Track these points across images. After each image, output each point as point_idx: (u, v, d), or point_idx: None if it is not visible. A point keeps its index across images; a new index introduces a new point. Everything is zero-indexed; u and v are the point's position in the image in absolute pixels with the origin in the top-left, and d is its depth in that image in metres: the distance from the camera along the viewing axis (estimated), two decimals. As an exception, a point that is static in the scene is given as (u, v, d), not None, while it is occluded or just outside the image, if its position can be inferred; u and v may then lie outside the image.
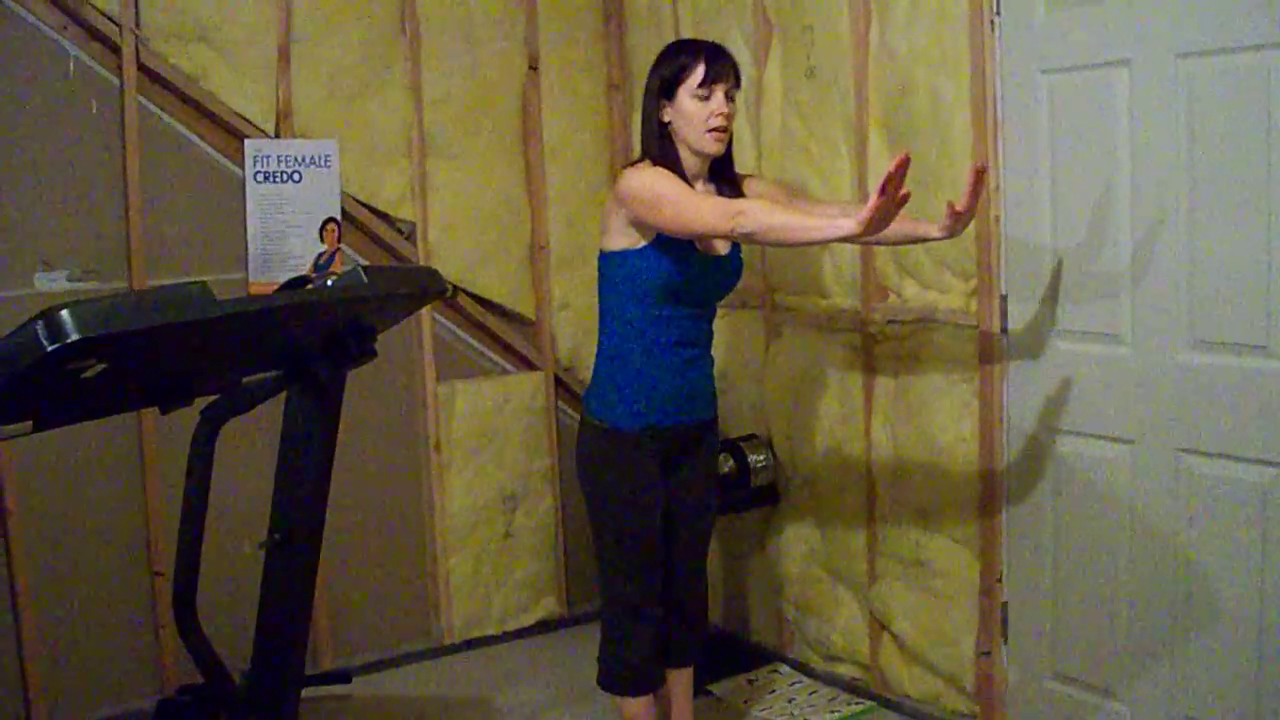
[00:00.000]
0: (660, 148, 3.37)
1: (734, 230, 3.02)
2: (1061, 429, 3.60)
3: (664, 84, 3.35)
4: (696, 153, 3.35)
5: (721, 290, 3.51)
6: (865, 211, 2.70)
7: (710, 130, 3.31)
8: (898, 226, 3.24)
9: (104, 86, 4.11)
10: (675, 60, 3.35)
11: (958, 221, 3.13)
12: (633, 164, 3.45)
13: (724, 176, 3.46)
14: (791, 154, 4.29)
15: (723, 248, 3.45)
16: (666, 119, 3.36)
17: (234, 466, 3.64)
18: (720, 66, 3.32)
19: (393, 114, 4.64)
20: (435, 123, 4.72)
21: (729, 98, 3.33)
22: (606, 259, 3.41)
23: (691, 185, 3.33)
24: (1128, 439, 3.42)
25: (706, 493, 3.67)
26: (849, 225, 2.77)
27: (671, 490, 3.53)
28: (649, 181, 3.25)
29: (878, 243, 3.62)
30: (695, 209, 3.15)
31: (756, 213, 3.03)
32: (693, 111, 3.31)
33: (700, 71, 3.29)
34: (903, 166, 2.62)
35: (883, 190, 2.64)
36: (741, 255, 3.53)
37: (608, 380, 3.45)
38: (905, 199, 2.69)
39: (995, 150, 3.65)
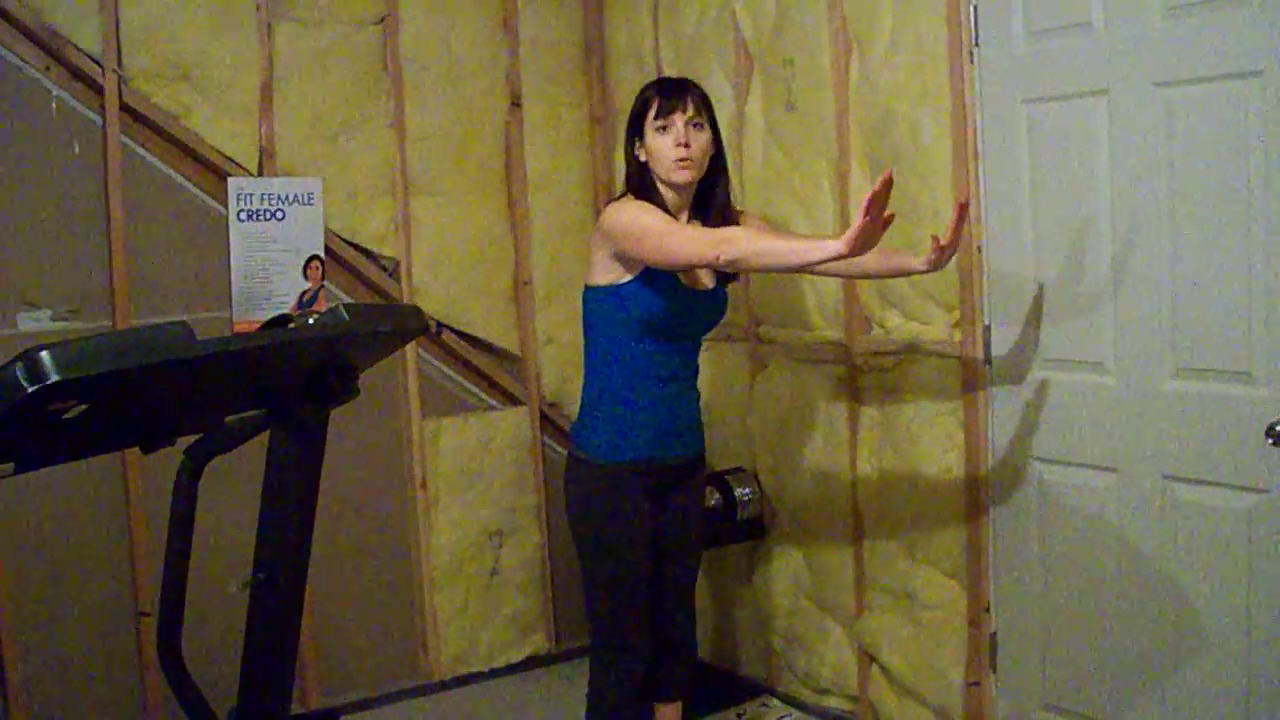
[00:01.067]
0: (640, 184, 3.41)
1: (719, 257, 3.03)
2: (1047, 458, 3.60)
3: (633, 123, 3.43)
4: (670, 185, 3.38)
5: (707, 324, 3.52)
6: (851, 232, 2.70)
7: (675, 161, 3.34)
8: (881, 259, 3.26)
9: (87, 126, 4.12)
10: (639, 99, 3.43)
11: (942, 255, 3.14)
12: (616, 199, 3.46)
13: (712, 209, 3.46)
14: (774, 187, 4.30)
15: (708, 281, 3.45)
16: (642, 158, 3.41)
17: (218, 505, 3.62)
18: (674, 96, 3.37)
19: (376, 151, 4.65)
20: (418, 159, 4.73)
21: (694, 125, 3.36)
22: (592, 294, 3.42)
23: (675, 219, 3.35)
24: (1113, 467, 3.42)
25: (694, 527, 3.66)
26: (835, 246, 2.77)
27: (659, 525, 3.53)
28: (633, 214, 3.26)
29: (863, 276, 3.63)
30: (680, 239, 3.16)
31: (742, 238, 3.06)
32: (657, 145, 3.36)
33: (656, 103, 3.36)
34: (886, 186, 2.63)
35: (867, 210, 2.65)
36: (726, 290, 3.54)
37: (595, 414, 3.45)
38: (889, 221, 2.70)
39: (977, 180, 3.67)
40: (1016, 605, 3.73)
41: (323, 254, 4.50)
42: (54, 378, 2.04)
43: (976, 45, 3.62)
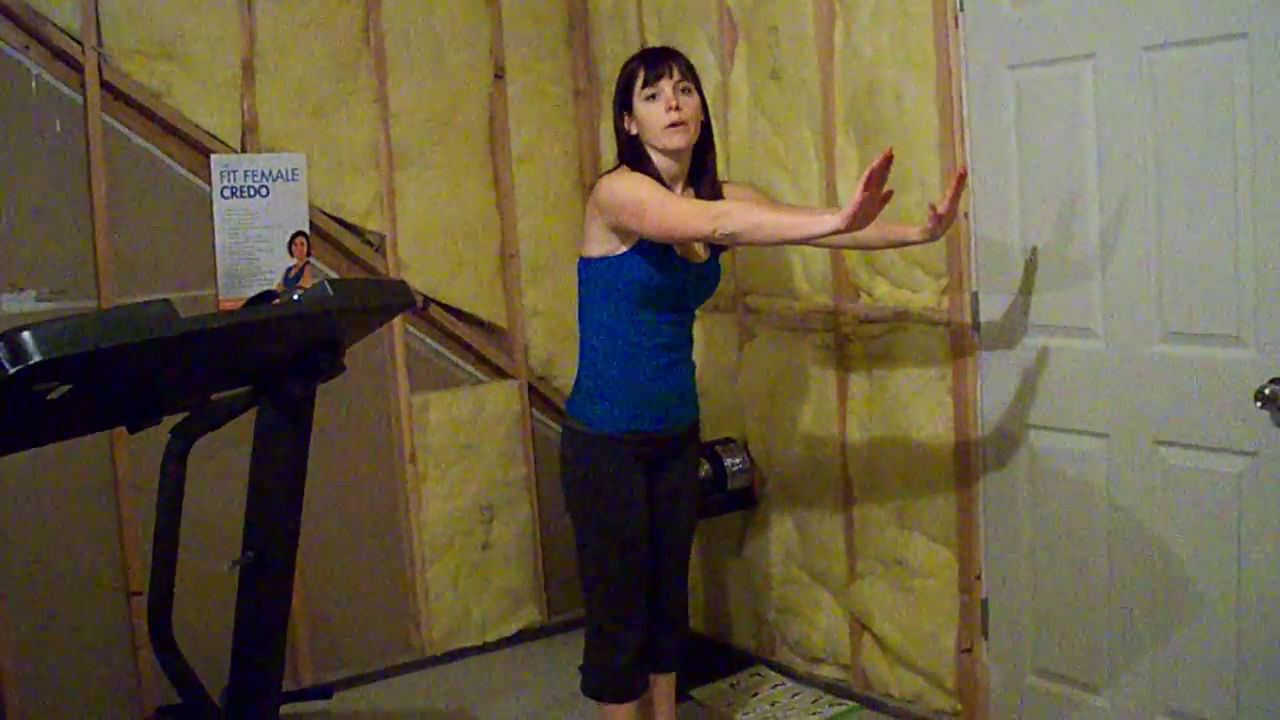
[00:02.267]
0: (633, 157, 3.40)
1: (716, 230, 3.03)
2: (1036, 424, 3.61)
3: (620, 97, 3.42)
4: (664, 153, 3.37)
5: (701, 294, 3.52)
6: (850, 206, 2.70)
7: (667, 126, 3.32)
8: (877, 230, 3.27)
9: (68, 105, 4.09)
10: (624, 72, 3.42)
11: (939, 225, 3.17)
12: (610, 170, 3.45)
13: (704, 180, 3.46)
14: (759, 156, 4.28)
15: (702, 253, 3.45)
16: (633, 130, 3.39)
17: (207, 484, 3.62)
18: (659, 64, 3.36)
19: (359, 126, 4.62)
20: (402, 134, 4.71)
21: (682, 90, 3.35)
22: (586, 265, 3.41)
23: (670, 190, 3.34)
24: (1103, 432, 3.42)
25: (689, 497, 3.66)
26: (834, 220, 2.78)
27: (654, 495, 3.52)
28: (630, 186, 3.26)
29: (858, 247, 3.65)
30: (678, 212, 3.16)
31: (739, 212, 3.06)
32: (647, 113, 3.34)
33: (642, 74, 3.35)
34: (886, 162, 2.64)
35: (866, 185, 2.65)
36: (719, 260, 3.53)
37: (591, 385, 3.45)
38: (888, 196, 2.70)
39: (963, 147, 3.66)
40: (1008, 571, 3.74)
41: (308, 230, 4.48)
42: (37, 358, 2.03)
43: (961, 10, 3.61)
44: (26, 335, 2.03)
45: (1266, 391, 2.96)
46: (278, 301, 2.77)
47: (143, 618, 3.80)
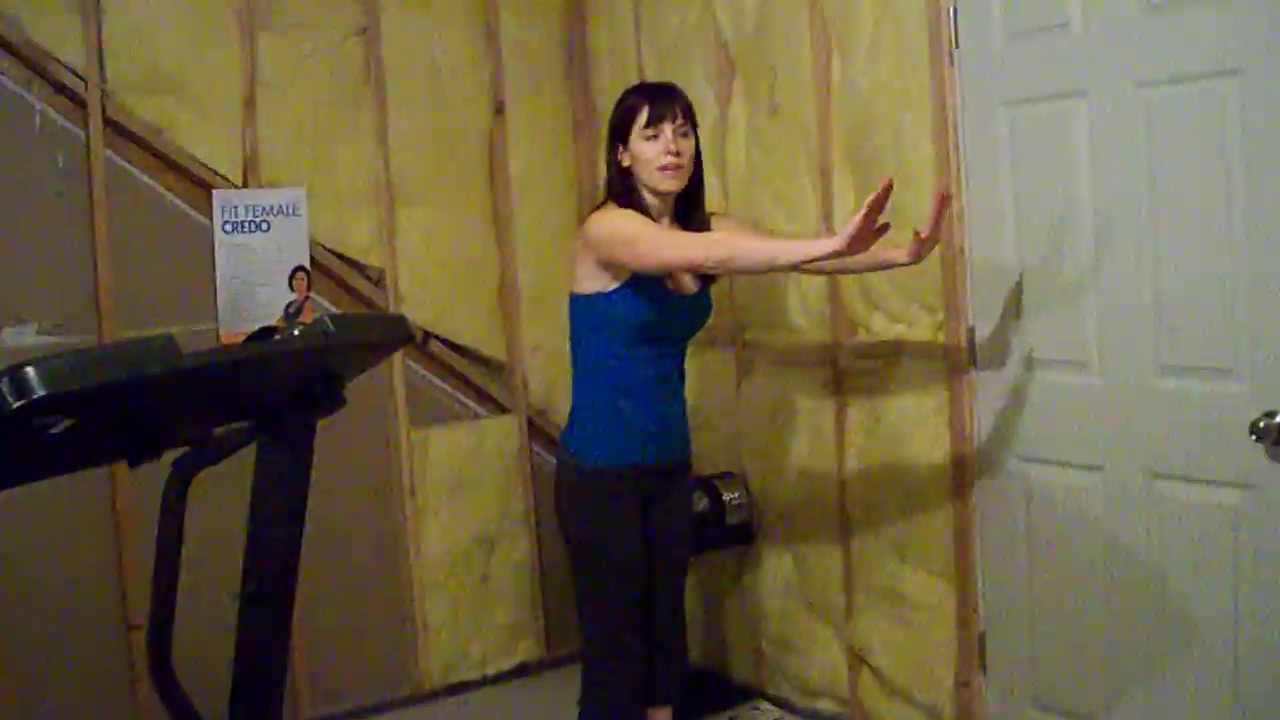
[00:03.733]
0: (623, 191, 3.41)
1: (709, 256, 3.07)
2: (1033, 457, 3.62)
3: (616, 130, 3.43)
4: (655, 192, 3.40)
5: (693, 327, 3.54)
6: (850, 228, 2.74)
7: (662, 168, 3.35)
8: (864, 255, 3.28)
9: (70, 140, 4.11)
10: (623, 105, 3.44)
11: (923, 247, 3.22)
12: (598, 207, 3.47)
13: (693, 216, 3.49)
14: (757, 190, 4.31)
15: (691, 285, 3.47)
16: (625, 164, 3.41)
17: (207, 518, 3.62)
18: (664, 105, 3.37)
19: (360, 161, 4.65)
20: (402, 168, 4.74)
21: (682, 134, 3.38)
22: (578, 302, 3.42)
23: (657, 218, 3.38)
24: (1099, 465, 3.43)
25: (682, 532, 3.67)
26: (829, 244, 2.83)
27: (649, 529, 3.53)
28: (619, 222, 3.29)
29: (845, 271, 3.67)
30: (671, 242, 3.20)
31: (729, 240, 3.09)
32: (644, 152, 3.36)
33: (645, 112, 3.36)
34: (887, 190, 2.67)
35: (868, 213, 2.67)
36: (710, 293, 3.55)
37: (585, 420, 3.46)
38: (884, 229, 2.73)
39: (958, 182, 3.68)
40: (1005, 604, 3.74)
41: (308, 265, 4.51)
42: (40, 393, 2.04)
43: (956, 47, 3.63)
44: (30, 370, 2.04)
45: (1261, 424, 2.97)
46: (278, 337, 2.77)
47: (141, 651, 3.80)
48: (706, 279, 3.52)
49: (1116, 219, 3.29)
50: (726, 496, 4.44)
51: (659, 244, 3.20)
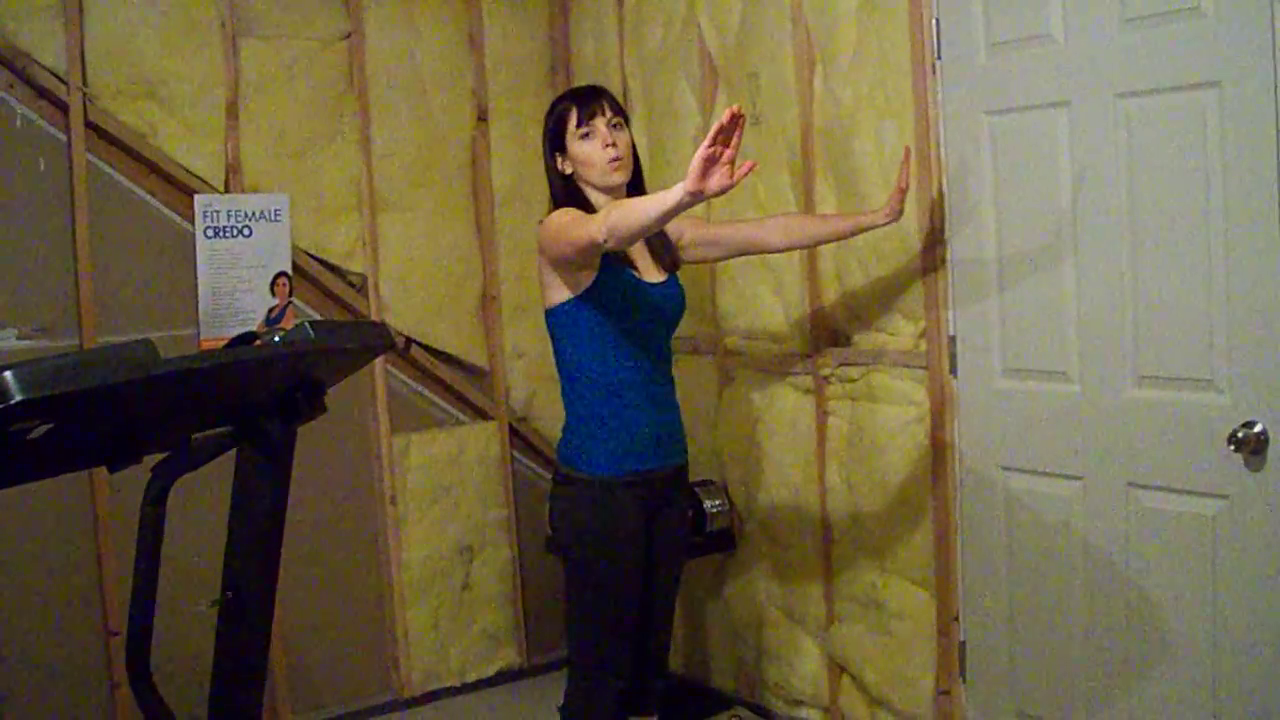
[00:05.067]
0: (567, 197, 3.43)
1: (599, 233, 3.02)
2: (1013, 467, 3.63)
3: (552, 138, 3.46)
4: (604, 190, 3.41)
5: (669, 318, 3.49)
6: (694, 169, 2.68)
7: (607, 162, 3.37)
8: (836, 224, 3.66)
9: (52, 144, 4.11)
10: (554, 112, 3.48)
11: (900, 199, 3.53)
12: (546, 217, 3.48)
13: None
14: (740, 200, 4.31)
15: (656, 275, 3.48)
16: (567, 171, 3.44)
17: (187, 523, 3.62)
18: (591, 102, 3.41)
19: (342, 167, 4.65)
20: (385, 175, 4.74)
21: (614, 127, 3.40)
22: (553, 314, 3.41)
23: None
24: (1078, 475, 3.44)
25: (680, 541, 3.66)
26: (681, 188, 2.75)
27: (652, 541, 3.50)
28: (554, 219, 3.30)
29: (819, 242, 3.82)
30: (579, 223, 3.17)
31: (611, 209, 3.06)
32: (584, 153, 3.39)
33: (574, 113, 3.40)
34: (735, 118, 2.63)
35: (711, 141, 2.64)
36: (679, 281, 3.55)
37: (581, 430, 3.42)
38: (750, 168, 2.72)
39: (940, 192, 3.69)
40: (985, 613, 3.75)
41: (290, 270, 4.50)
42: (18, 398, 2.04)
43: (938, 58, 3.65)
44: (8, 375, 2.03)
45: (1239, 435, 2.99)
46: (259, 343, 2.77)
47: (120, 657, 3.79)
48: (671, 268, 3.54)
49: (1097, 229, 3.31)
50: (707, 504, 4.45)
51: (572, 227, 3.19)
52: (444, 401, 4.98)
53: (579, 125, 3.38)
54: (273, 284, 4.46)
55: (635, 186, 3.47)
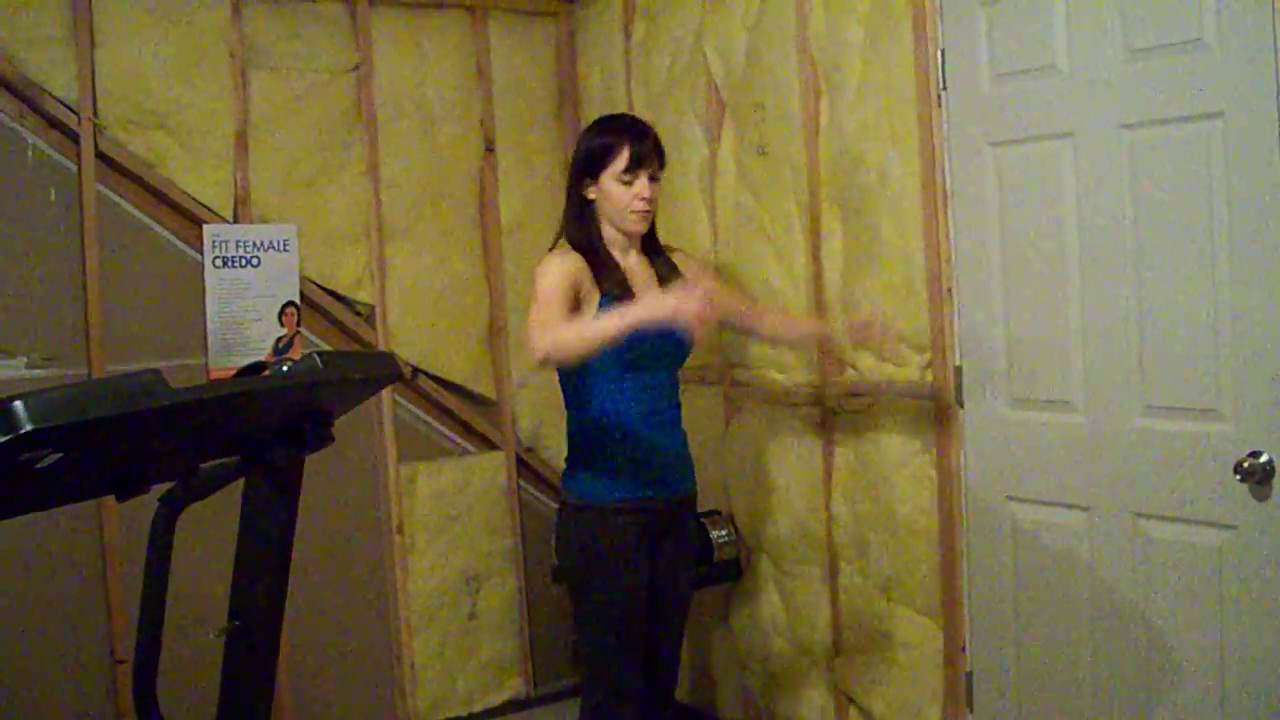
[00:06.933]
0: (580, 226, 3.42)
1: (537, 355, 3.10)
2: (1019, 497, 3.62)
3: (588, 164, 3.41)
4: (620, 231, 3.42)
5: (673, 348, 3.49)
6: (686, 302, 2.88)
7: (634, 212, 3.36)
8: (788, 328, 3.78)
9: (63, 174, 4.14)
10: (600, 140, 3.41)
11: (861, 332, 3.60)
12: (555, 245, 3.50)
13: (652, 248, 3.51)
14: (746, 230, 4.33)
15: None
16: (590, 196, 3.41)
17: (194, 552, 3.62)
18: (645, 151, 3.36)
19: (350, 197, 4.67)
20: (393, 205, 4.76)
21: (653, 179, 3.38)
22: None
23: (618, 258, 3.41)
24: (1085, 505, 3.44)
25: (687, 570, 3.65)
26: (635, 313, 2.97)
27: (656, 568, 3.50)
28: (545, 280, 3.28)
29: (772, 338, 3.95)
30: (537, 323, 3.20)
31: (556, 333, 3.10)
32: (617, 194, 3.37)
33: (625, 157, 3.35)
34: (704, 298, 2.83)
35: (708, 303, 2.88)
36: None
37: (585, 459, 3.43)
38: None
39: (946, 222, 3.70)
40: (992, 644, 3.74)
41: (298, 300, 4.52)
42: (28, 427, 2.05)
43: (944, 89, 3.66)
44: (18, 405, 2.04)
45: (1245, 465, 2.98)
46: (267, 373, 2.78)
47: (128, 685, 3.79)
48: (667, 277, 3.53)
49: (1102, 259, 3.31)
50: (714, 534, 4.45)
51: (535, 320, 3.21)
52: (451, 431, 4.99)
53: (625, 170, 3.34)
54: (281, 313, 4.48)
55: (647, 235, 3.48)
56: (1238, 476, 3.00)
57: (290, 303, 4.50)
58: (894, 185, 3.79)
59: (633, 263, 3.49)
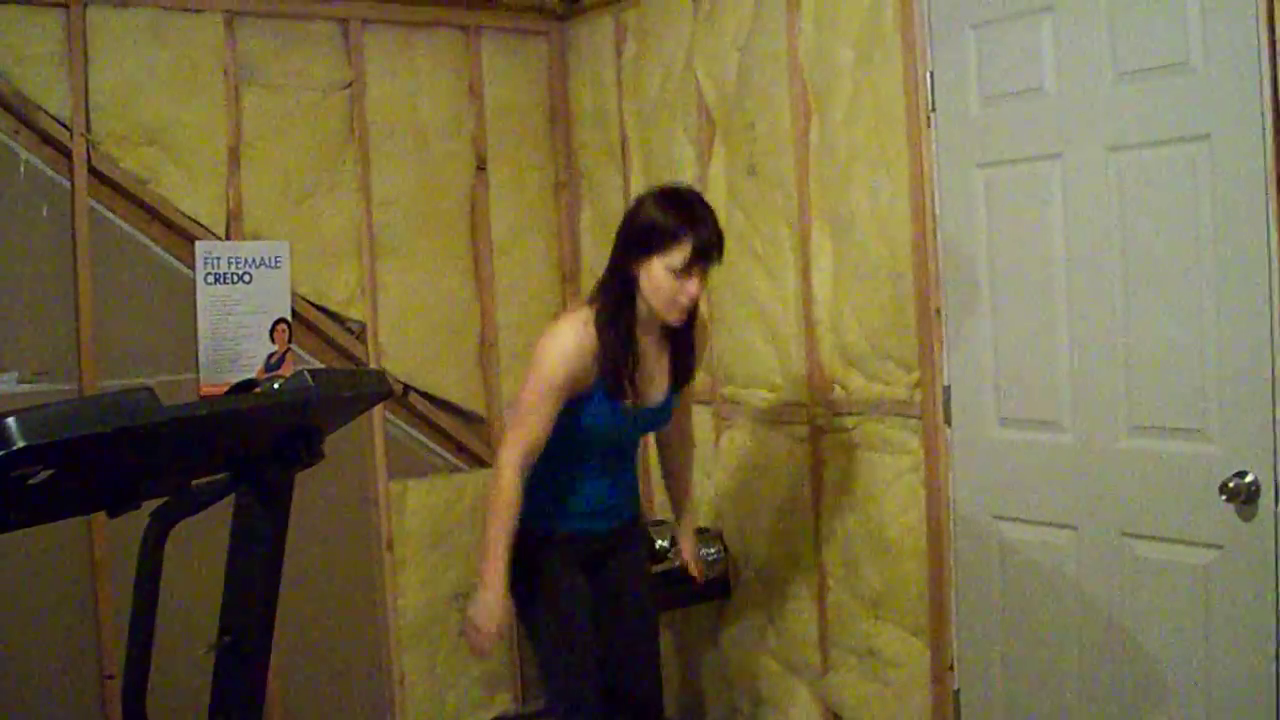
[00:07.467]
0: (616, 307, 3.23)
1: (498, 481, 3.20)
2: (1007, 516, 3.64)
3: (643, 243, 3.17)
4: (657, 315, 3.25)
5: (649, 430, 3.53)
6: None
7: (678, 308, 3.19)
8: (674, 488, 3.79)
9: (55, 190, 4.14)
10: (660, 222, 3.15)
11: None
12: (573, 310, 3.36)
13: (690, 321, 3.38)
14: (736, 249, 4.33)
15: (657, 397, 3.42)
16: (634, 272, 3.20)
17: (185, 568, 3.62)
18: (708, 249, 3.15)
19: (342, 214, 4.68)
20: (384, 223, 4.77)
21: (705, 273, 3.19)
22: None
23: (644, 333, 3.31)
24: (1072, 524, 3.46)
25: (640, 586, 3.64)
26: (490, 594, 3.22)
27: (601, 589, 3.51)
28: (545, 355, 3.21)
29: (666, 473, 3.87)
30: (517, 424, 3.22)
31: (501, 484, 3.21)
32: (664, 284, 3.16)
33: (686, 252, 3.11)
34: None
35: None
36: (674, 399, 3.51)
37: (534, 496, 3.39)
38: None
39: (934, 242, 3.72)
40: (980, 662, 3.75)
41: (290, 317, 4.52)
42: (20, 444, 2.05)
43: (933, 110, 3.68)
44: (11, 421, 2.05)
45: (1231, 485, 3.01)
46: (258, 390, 2.79)
47: (117, 702, 3.78)
48: (676, 382, 3.46)
49: (1089, 280, 3.33)
50: (703, 552, 4.44)
51: (515, 423, 3.23)
52: (442, 448, 5.00)
53: (683, 266, 3.12)
54: (272, 330, 4.48)
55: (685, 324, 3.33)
56: (1223, 496, 3.02)
57: (282, 319, 4.50)
58: (883, 205, 3.82)
59: (651, 341, 3.36)
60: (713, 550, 4.48)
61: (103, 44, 4.20)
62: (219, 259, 4.38)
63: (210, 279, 4.37)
